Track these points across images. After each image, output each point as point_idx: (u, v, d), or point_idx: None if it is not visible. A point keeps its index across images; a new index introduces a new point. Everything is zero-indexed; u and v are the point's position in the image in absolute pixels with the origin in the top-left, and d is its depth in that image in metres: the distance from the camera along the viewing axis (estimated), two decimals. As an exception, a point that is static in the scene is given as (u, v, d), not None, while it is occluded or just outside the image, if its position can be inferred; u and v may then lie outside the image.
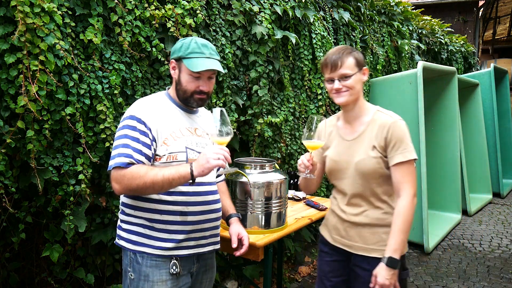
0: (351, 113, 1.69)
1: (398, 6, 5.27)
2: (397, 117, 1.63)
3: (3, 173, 1.84)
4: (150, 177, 1.38)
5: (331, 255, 1.78)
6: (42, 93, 1.85)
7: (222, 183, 1.87)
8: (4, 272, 2.05)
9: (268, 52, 3.11)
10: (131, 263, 1.53)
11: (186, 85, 1.54)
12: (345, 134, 1.71)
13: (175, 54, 1.55)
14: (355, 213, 1.67)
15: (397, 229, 1.54)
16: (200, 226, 1.57)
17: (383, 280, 1.51)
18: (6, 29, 1.78)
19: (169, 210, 1.51)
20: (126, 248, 1.54)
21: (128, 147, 1.42)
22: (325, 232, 1.82)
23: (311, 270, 3.65)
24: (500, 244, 4.40)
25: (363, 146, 1.64)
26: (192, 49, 1.51)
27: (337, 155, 1.70)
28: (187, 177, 1.39)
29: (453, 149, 4.88)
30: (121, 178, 1.40)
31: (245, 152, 3.13)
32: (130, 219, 1.54)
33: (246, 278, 2.72)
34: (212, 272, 1.72)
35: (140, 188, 1.40)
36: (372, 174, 1.61)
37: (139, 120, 1.47)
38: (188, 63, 1.50)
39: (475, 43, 10.16)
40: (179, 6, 2.46)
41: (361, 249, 1.66)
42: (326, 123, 1.68)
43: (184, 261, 1.56)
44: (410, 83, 4.11)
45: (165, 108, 1.56)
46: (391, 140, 1.58)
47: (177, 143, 1.51)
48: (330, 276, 1.78)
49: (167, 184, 1.40)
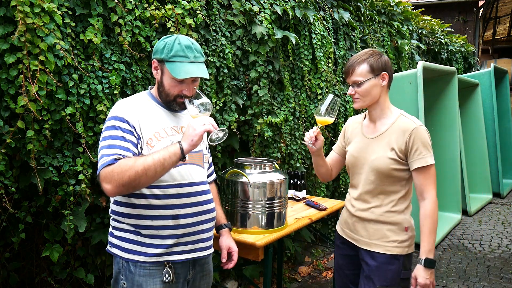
0: (374, 114, 1.78)
1: (398, 6, 5.27)
2: (419, 123, 1.70)
3: (3, 173, 1.84)
4: (140, 165, 1.29)
5: (342, 249, 1.89)
6: (42, 93, 1.85)
7: (212, 186, 1.80)
8: (4, 272, 2.05)
9: (268, 52, 3.11)
10: (124, 271, 1.47)
11: (168, 89, 1.47)
12: (367, 132, 1.79)
13: (157, 54, 1.47)
14: (363, 209, 1.76)
15: (427, 231, 1.64)
16: (195, 229, 1.51)
17: (424, 281, 1.61)
18: (6, 29, 1.78)
19: (160, 215, 1.44)
20: (119, 256, 1.48)
21: (113, 147, 1.36)
22: (338, 226, 1.93)
23: (311, 270, 3.65)
24: (500, 244, 4.40)
25: (381, 146, 1.71)
26: (176, 51, 1.42)
27: (356, 151, 1.79)
28: (178, 153, 1.31)
29: (453, 149, 4.88)
30: (110, 175, 1.30)
31: (245, 152, 3.13)
32: (121, 226, 1.48)
33: (246, 278, 2.73)
34: (209, 277, 1.65)
35: (132, 180, 1.29)
36: (385, 173, 1.68)
37: (122, 119, 1.41)
38: (172, 68, 1.42)
39: (475, 43, 10.17)
40: (179, 6, 2.46)
41: (365, 244, 1.75)
42: (353, 120, 1.89)
43: (179, 268, 1.50)
44: (410, 83, 4.11)
45: (147, 107, 1.50)
46: (413, 146, 1.65)
47: (161, 143, 1.44)
48: (344, 269, 1.89)
49: (160, 167, 1.31)
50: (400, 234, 1.72)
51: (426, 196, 1.65)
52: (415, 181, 1.68)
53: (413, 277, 1.65)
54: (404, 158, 1.67)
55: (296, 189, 2.89)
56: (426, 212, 1.65)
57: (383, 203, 1.72)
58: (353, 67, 1.69)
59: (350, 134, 1.87)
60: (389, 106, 1.77)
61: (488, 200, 6.10)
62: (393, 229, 1.71)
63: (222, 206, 1.94)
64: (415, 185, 1.68)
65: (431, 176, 1.65)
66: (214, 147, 2.77)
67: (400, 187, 1.71)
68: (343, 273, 1.90)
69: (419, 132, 1.66)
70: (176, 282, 1.48)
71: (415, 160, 1.64)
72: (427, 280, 1.61)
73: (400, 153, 1.67)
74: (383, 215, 1.72)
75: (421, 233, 1.65)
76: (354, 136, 1.84)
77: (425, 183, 1.65)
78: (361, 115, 1.90)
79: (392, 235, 1.71)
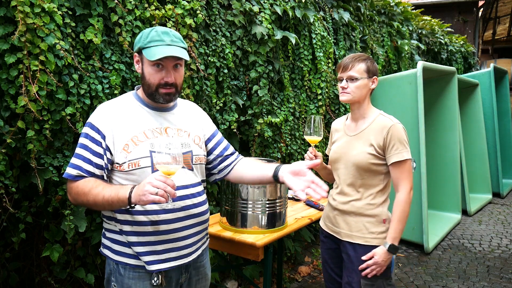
0: (356, 113, 1.90)
1: (398, 6, 5.28)
2: (396, 121, 1.82)
3: (3, 173, 1.84)
4: (92, 196, 1.30)
5: (326, 243, 1.99)
6: (42, 93, 1.85)
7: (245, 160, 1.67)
8: (4, 272, 2.05)
9: (268, 52, 3.11)
10: (114, 273, 1.44)
11: (149, 78, 1.39)
12: (349, 130, 1.92)
13: (136, 46, 1.42)
14: (344, 202, 1.87)
15: (396, 218, 1.76)
16: (177, 235, 1.41)
17: (380, 261, 1.75)
18: (6, 29, 1.78)
19: (140, 221, 1.37)
20: (110, 258, 1.45)
21: (79, 158, 1.36)
22: (322, 221, 2.05)
23: (311, 270, 3.65)
24: (500, 244, 4.40)
25: (361, 142, 1.83)
26: (151, 37, 1.37)
27: (338, 148, 1.92)
28: (125, 202, 1.25)
29: (453, 149, 4.88)
30: (70, 190, 1.38)
31: (245, 152, 3.13)
32: (111, 227, 1.45)
33: (246, 278, 2.73)
34: (206, 280, 1.59)
35: (85, 205, 1.37)
36: (364, 167, 1.80)
37: (93, 127, 1.38)
38: (147, 52, 1.36)
39: (475, 43, 10.16)
40: (179, 6, 2.46)
41: (347, 236, 1.85)
42: (337, 122, 2.04)
43: (170, 271, 1.44)
44: (410, 83, 4.11)
45: (129, 110, 1.43)
46: (390, 142, 1.77)
47: (139, 148, 1.37)
48: (329, 262, 2.00)
49: (108, 206, 1.30)
50: (378, 226, 1.82)
51: (400, 188, 1.78)
52: (392, 175, 1.80)
53: (372, 253, 1.76)
54: (382, 153, 1.79)
55: (296, 189, 2.88)
56: (397, 202, 1.77)
57: (363, 197, 1.83)
58: (352, 63, 1.81)
59: (335, 134, 2.01)
60: (370, 107, 1.89)
61: (488, 200, 6.10)
62: (371, 221, 1.81)
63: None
64: (392, 178, 1.81)
65: (406, 170, 1.77)
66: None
67: (379, 181, 1.82)
68: (329, 266, 2.00)
69: (396, 129, 1.77)
70: (168, 285, 1.44)
71: (392, 155, 1.76)
72: (383, 262, 1.75)
73: (379, 148, 1.79)
74: (362, 207, 1.82)
75: (391, 221, 1.78)
76: (338, 135, 1.98)
77: (401, 176, 1.77)
78: (344, 117, 2.03)
79: (371, 227, 1.81)
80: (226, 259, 3.00)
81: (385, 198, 1.84)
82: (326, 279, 2.04)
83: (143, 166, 1.36)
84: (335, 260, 1.96)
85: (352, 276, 1.81)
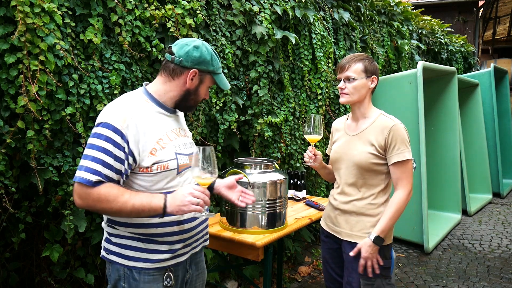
0: (356, 113, 1.89)
1: (398, 6, 5.27)
2: (398, 121, 1.81)
3: (3, 173, 1.84)
4: (118, 204, 1.27)
5: (327, 243, 1.99)
6: (42, 93, 1.85)
7: None
8: (4, 272, 2.04)
9: (268, 52, 3.11)
10: (126, 279, 1.42)
11: (204, 97, 1.53)
12: (350, 130, 1.91)
13: (203, 65, 1.43)
14: (345, 201, 1.87)
15: (388, 215, 1.74)
16: (196, 231, 1.52)
17: (366, 254, 1.73)
18: (6, 29, 1.78)
19: (165, 222, 1.40)
20: (120, 263, 1.42)
21: (98, 162, 1.27)
22: (322, 221, 2.05)
23: (311, 270, 3.65)
24: (500, 244, 4.40)
25: (362, 142, 1.83)
26: (217, 62, 1.49)
27: (339, 148, 1.91)
28: (158, 211, 1.30)
29: (453, 149, 4.88)
30: (85, 196, 1.27)
31: (245, 152, 3.13)
32: (119, 232, 1.42)
33: (246, 278, 2.72)
34: (203, 274, 1.66)
35: (103, 212, 1.34)
36: (365, 167, 1.79)
37: (117, 131, 1.30)
38: (219, 80, 1.50)
39: (475, 43, 10.16)
40: (179, 6, 2.46)
41: (347, 235, 1.85)
42: (338, 121, 2.03)
43: (177, 270, 1.49)
44: (410, 83, 4.11)
45: (146, 111, 1.40)
46: (392, 142, 1.76)
47: (165, 151, 1.39)
48: (329, 262, 2.00)
49: (136, 214, 1.31)
50: None
51: (399, 187, 1.76)
52: (392, 175, 1.79)
53: (358, 247, 1.75)
54: (383, 153, 1.78)
55: (296, 189, 2.89)
56: (394, 199, 1.76)
57: (364, 196, 1.82)
58: (349, 63, 1.80)
59: (336, 134, 2.00)
60: (371, 107, 1.88)
61: (488, 200, 6.10)
62: (373, 221, 1.80)
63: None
64: (393, 178, 1.80)
65: (407, 170, 1.76)
66: (214, 147, 2.76)
67: (380, 181, 1.82)
68: (329, 266, 2.00)
69: (398, 129, 1.76)
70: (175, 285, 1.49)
71: (394, 155, 1.75)
72: (370, 254, 1.73)
73: (380, 148, 1.78)
74: (364, 207, 1.82)
75: (383, 215, 1.75)
76: (339, 135, 1.97)
77: (402, 176, 1.76)
78: (344, 116, 2.02)
79: (372, 227, 1.79)
80: (226, 259, 3.00)
81: (386, 198, 1.83)
82: (327, 279, 2.04)
83: (171, 169, 1.40)
84: (335, 260, 1.96)
85: (352, 275, 1.81)
